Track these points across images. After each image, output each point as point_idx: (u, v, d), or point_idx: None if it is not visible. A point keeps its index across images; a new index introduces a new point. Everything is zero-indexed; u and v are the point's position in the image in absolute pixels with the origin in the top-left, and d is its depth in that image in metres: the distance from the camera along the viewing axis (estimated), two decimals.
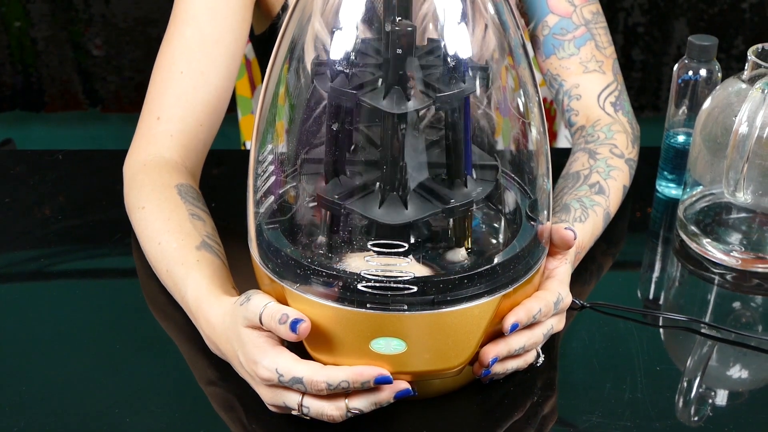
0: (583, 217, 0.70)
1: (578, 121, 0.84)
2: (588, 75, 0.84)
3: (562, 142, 1.19)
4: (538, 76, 1.17)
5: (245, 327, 0.55)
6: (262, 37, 0.90)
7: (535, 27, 0.86)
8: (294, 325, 0.52)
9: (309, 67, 0.56)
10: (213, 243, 0.67)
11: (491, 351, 0.55)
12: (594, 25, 0.84)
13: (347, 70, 0.52)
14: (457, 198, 0.53)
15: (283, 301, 0.54)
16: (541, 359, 0.61)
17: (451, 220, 0.56)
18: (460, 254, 0.56)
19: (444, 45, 0.52)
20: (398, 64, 0.51)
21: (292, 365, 0.53)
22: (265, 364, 0.53)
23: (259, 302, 0.54)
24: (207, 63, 0.76)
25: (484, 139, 0.58)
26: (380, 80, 0.52)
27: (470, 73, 0.53)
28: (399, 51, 0.50)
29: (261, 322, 0.54)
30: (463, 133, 0.53)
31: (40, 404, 0.58)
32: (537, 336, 0.57)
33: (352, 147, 0.57)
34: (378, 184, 0.53)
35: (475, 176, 0.56)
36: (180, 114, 0.75)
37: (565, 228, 0.59)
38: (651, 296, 0.73)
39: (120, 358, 0.63)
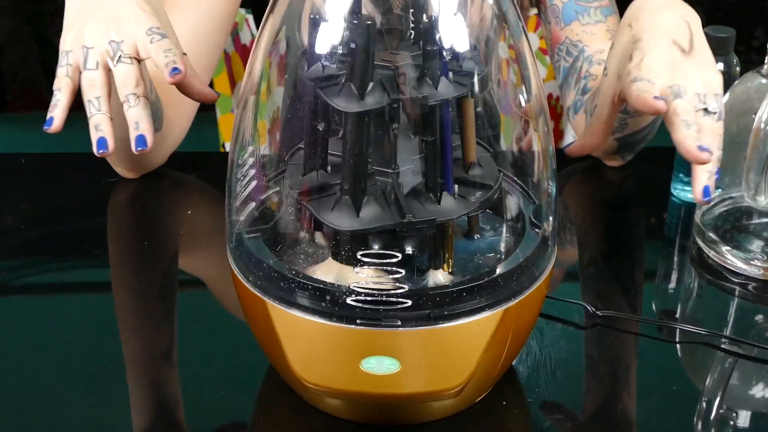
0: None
1: (596, 86, 0.85)
2: None
3: (568, 142, 1.20)
4: (542, 71, 1.18)
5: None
6: None
7: None
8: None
9: (304, 36, 0.56)
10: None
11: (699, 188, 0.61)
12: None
13: (327, 62, 0.52)
14: (418, 214, 0.52)
15: (266, 316, 0.54)
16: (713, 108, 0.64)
17: (428, 237, 0.54)
18: (438, 277, 0.55)
19: (424, 41, 0.51)
20: (360, 58, 0.50)
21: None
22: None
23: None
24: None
25: (483, 139, 0.58)
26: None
27: (450, 76, 0.52)
28: (353, 45, 0.50)
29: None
30: (438, 143, 0.52)
31: (4, 426, 0.58)
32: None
33: (327, 141, 0.56)
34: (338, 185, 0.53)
35: (456, 193, 0.54)
36: None
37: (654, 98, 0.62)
38: (666, 308, 0.73)
39: (89, 378, 0.62)
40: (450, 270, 0.55)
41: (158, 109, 0.80)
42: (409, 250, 0.53)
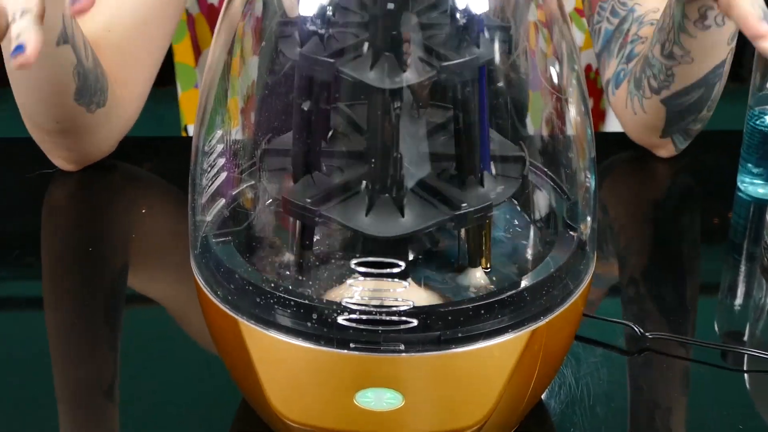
0: None
1: (643, 50, 0.85)
2: None
3: (612, 124, 1.20)
4: (579, 37, 1.18)
5: None
6: None
7: None
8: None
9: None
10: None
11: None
12: None
13: (322, 32, 0.52)
14: (470, 201, 0.53)
15: (238, 339, 0.54)
16: None
17: (464, 230, 0.56)
18: (475, 276, 0.56)
19: None
20: (390, 22, 0.51)
21: None
22: None
23: None
24: None
25: (506, 122, 0.59)
26: (366, 44, 0.52)
27: (487, 34, 0.53)
28: (391, 5, 0.50)
29: None
30: (478, 115, 0.53)
31: None
32: None
33: (330, 134, 0.57)
34: (364, 183, 0.53)
35: (494, 172, 0.56)
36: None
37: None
38: (731, 330, 0.73)
39: (16, 411, 0.63)
40: (488, 266, 0.56)
41: (99, 78, 0.81)
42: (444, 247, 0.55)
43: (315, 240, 0.58)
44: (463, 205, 0.53)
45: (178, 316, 0.74)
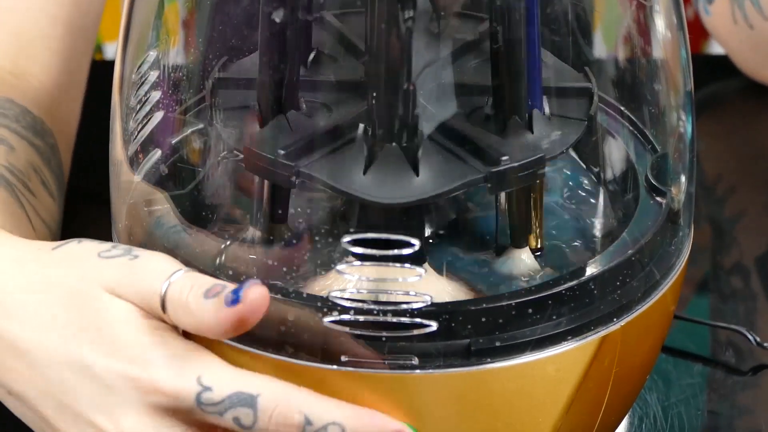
0: None
1: None
2: None
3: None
4: None
5: (110, 294, 0.54)
6: None
7: None
8: (237, 294, 0.50)
9: None
10: (13, 178, 0.70)
11: None
12: None
13: None
14: (513, 152, 0.54)
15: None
16: None
17: (504, 195, 0.57)
18: (521, 260, 0.57)
19: None
20: None
21: (229, 373, 0.53)
22: (172, 369, 0.52)
23: (162, 266, 0.53)
24: None
25: (566, 40, 0.59)
26: None
27: None
28: None
29: (164, 303, 0.53)
30: (525, 30, 0.53)
31: None
32: None
33: (312, 56, 0.58)
34: (362, 127, 0.54)
35: (548, 111, 0.56)
36: None
37: None
38: None
39: None
40: (539, 246, 0.56)
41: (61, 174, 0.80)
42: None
43: (291, 209, 0.58)
44: (504, 158, 0.53)
45: None
